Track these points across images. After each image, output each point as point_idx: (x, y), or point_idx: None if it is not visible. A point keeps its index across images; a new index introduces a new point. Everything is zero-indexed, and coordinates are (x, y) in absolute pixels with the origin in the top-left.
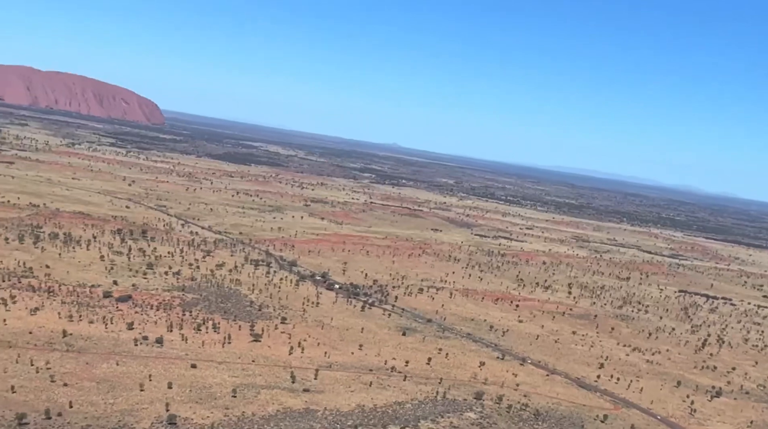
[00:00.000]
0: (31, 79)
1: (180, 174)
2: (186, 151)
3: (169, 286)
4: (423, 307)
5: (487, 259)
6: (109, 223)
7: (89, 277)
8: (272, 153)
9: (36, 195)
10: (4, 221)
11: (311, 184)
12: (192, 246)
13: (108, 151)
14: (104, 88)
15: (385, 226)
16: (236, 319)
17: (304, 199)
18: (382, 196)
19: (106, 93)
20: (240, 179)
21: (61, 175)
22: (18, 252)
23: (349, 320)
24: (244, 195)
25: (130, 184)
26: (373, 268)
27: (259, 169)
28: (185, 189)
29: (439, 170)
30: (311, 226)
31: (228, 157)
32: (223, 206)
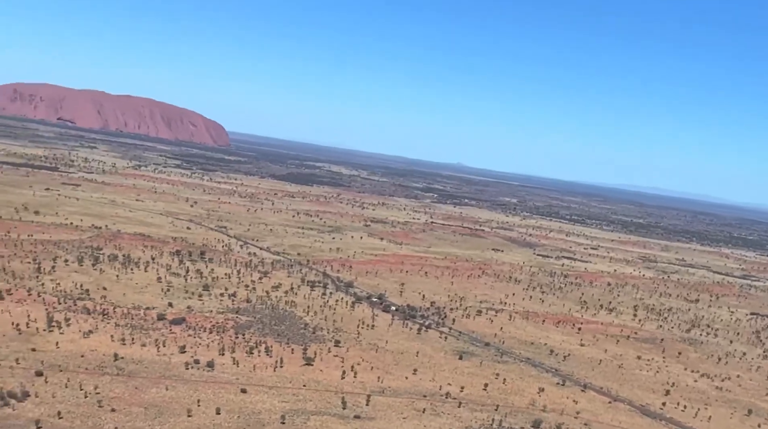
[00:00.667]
0: (102, 103)
1: (242, 195)
2: (249, 172)
3: (224, 308)
4: (481, 329)
5: (549, 280)
6: (168, 244)
7: (145, 299)
8: (335, 173)
9: (99, 217)
10: (65, 243)
11: (372, 204)
12: (249, 267)
13: (173, 172)
14: (172, 111)
15: (445, 246)
16: (289, 342)
17: (364, 219)
18: (443, 216)
19: (174, 116)
20: (301, 200)
21: (125, 196)
22: (76, 274)
23: (405, 343)
24: (305, 215)
25: (192, 205)
26: (431, 289)
27: (320, 190)
28: (246, 210)
29: (502, 189)
30: (370, 246)
31: (291, 177)
32: (283, 227)
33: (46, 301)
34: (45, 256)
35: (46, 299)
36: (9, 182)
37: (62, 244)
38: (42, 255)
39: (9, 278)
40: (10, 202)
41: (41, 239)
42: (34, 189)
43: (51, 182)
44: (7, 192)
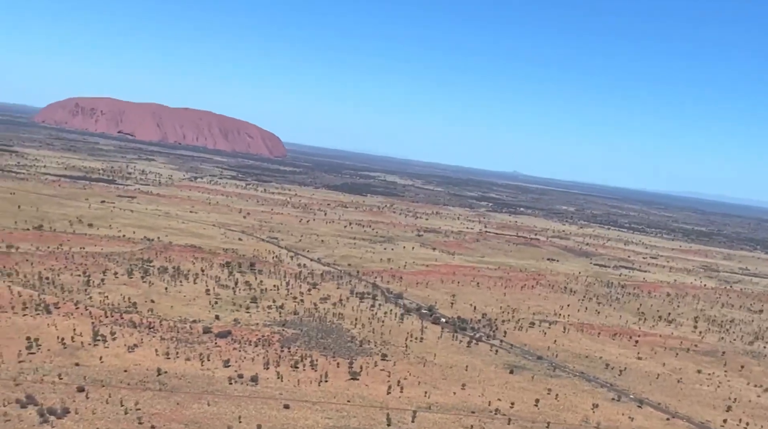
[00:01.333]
0: (161, 116)
1: (295, 205)
2: (304, 182)
3: (270, 320)
4: (534, 342)
5: (605, 291)
6: (218, 256)
7: (192, 312)
8: (389, 183)
9: (152, 229)
10: (116, 256)
11: (425, 214)
12: (299, 279)
13: (228, 184)
14: (229, 123)
15: (499, 256)
16: (335, 356)
17: (416, 229)
18: (498, 225)
19: (231, 127)
20: (354, 210)
21: (179, 208)
22: (125, 287)
23: (454, 357)
24: (357, 226)
25: (245, 216)
26: (483, 300)
27: (374, 200)
28: (299, 220)
29: (559, 197)
30: (422, 256)
31: (345, 187)
32: (335, 237)
33: (92, 315)
34: (95, 269)
35: (92, 312)
36: (66, 195)
37: (113, 257)
38: (92, 268)
39: (58, 291)
40: (65, 214)
41: (93, 252)
42: (90, 202)
43: (107, 195)
44: (64, 205)
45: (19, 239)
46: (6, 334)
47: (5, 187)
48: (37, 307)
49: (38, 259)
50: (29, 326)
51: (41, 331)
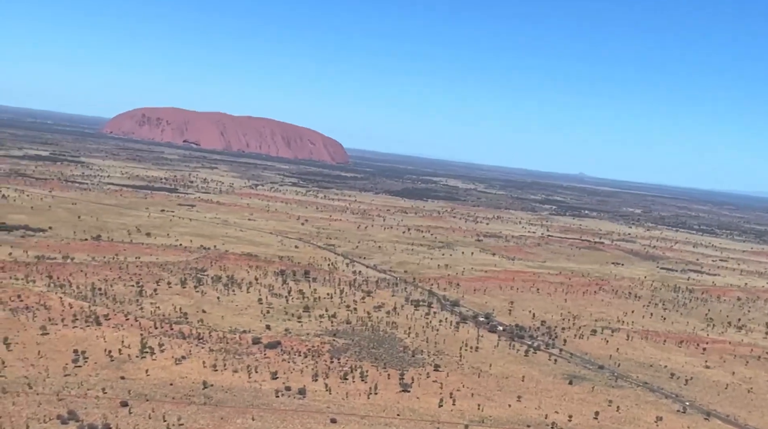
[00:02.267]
0: (225, 125)
1: (354, 211)
2: (365, 188)
3: (322, 330)
4: (595, 351)
5: (672, 296)
6: (273, 264)
7: (243, 322)
8: (451, 187)
9: (209, 237)
10: (171, 265)
11: (486, 218)
12: (353, 286)
13: (288, 191)
14: (292, 130)
15: (561, 260)
16: (386, 367)
17: (476, 234)
18: (561, 229)
19: (294, 135)
20: (414, 215)
21: (238, 216)
22: (178, 297)
23: (510, 367)
24: (415, 231)
25: (303, 223)
26: (543, 307)
27: (434, 204)
28: (357, 227)
29: (626, 199)
30: (480, 262)
31: (405, 192)
32: (392, 243)
33: (142, 326)
34: (149, 279)
35: (142, 324)
36: (127, 205)
37: (167, 266)
38: (146, 278)
39: (109, 302)
40: (124, 224)
41: (148, 261)
42: (150, 211)
43: (167, 203)
44: (124, 214)
45: (76, 249)
46: (55, 347)
47: (68, 197)
48: (87, 319)
49: (93, 270)
50: (78, 338)
51: (89, 344)
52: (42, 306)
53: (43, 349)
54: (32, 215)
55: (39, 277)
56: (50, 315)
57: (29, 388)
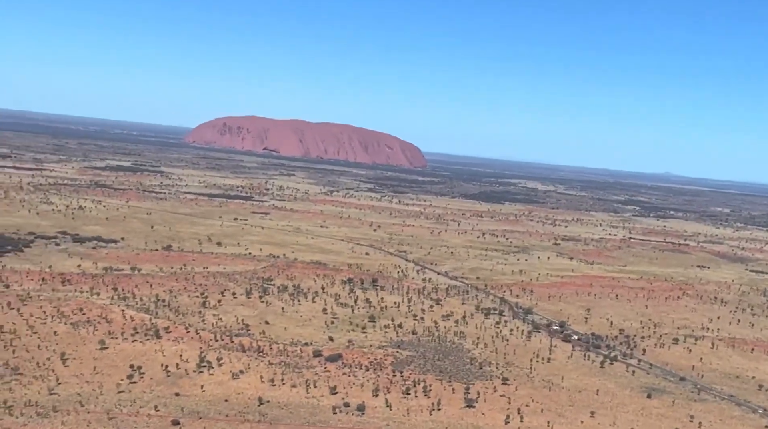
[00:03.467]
0: (304, 132)
1: (428, 216)
2: (441, 192)
3: (387, 341)
4: (676, 361)
5: (762, 301)
6: (341, 272)
7: (305, 334)
8: (530, 189)
9: (280, 245)
10: (237, 274)
11: (565, 221)
12: (422, 294)
13: (363, 196)
14: (369, 136)
15: (642, 264)
16: (451, 380)
17: (554, 238)
18: (644, 231)
19: (371, 140)
20: (489, 219)
21: (310, 223)
22: (242, 307)
23: (584, 379)
24: (490, 235)
25: (375, 229)
26: (621, 314)
27: (511, 208)
28: (430, 232)
29: (714, 198)
30: (557, 267)
31: (482, 196)
32: (465, 249)
33: (202, 339)
34: (214, 289)
35: (203, 336)
36: (201, 214)
37: (234, 276)
38: (211, 288)
39: (172, 314)
40: (196, 233)
41: (215, 271)
42: (223, 219)
43: (241, 212)
44: (197, 223)
45: (145, 260)
46: (111, 362)
47: (144, 207)
48: (147, 332)
49: (158, 281)
50: (136, 353)
51: (147, 358)
52: (103, 319)
53: (99, 364)
54: (106, 226)
55: (104, 289)
56: (111, 328)
57: (81, 406)
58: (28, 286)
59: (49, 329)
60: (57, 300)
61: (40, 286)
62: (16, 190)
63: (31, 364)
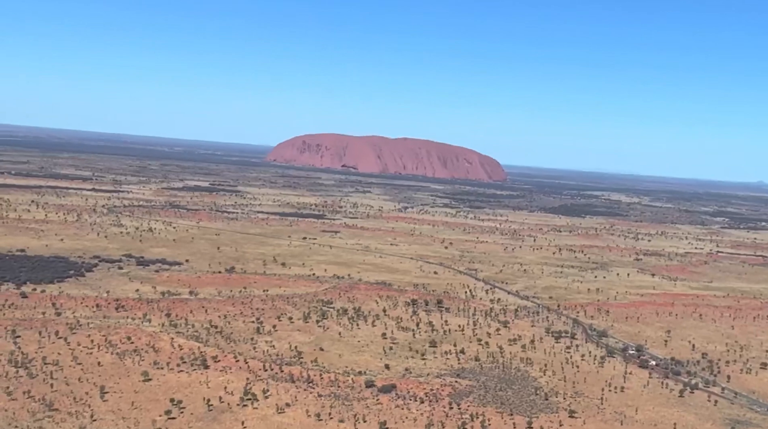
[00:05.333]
0: (381, 148)
1: (503, 232)
2: (519, 206)
3: (446, 369)
4: (765, 389)
5: None
6: (406, 293)
7: (361, 361)
8: (613, 202)
9: (346, 265)
10: (297, 297)
11: (648, 235)
12: (489, 316)
13: (438, 212)
14: (447, 150)
15: (730, 280)
16: (512, 413)
17: (635, 253)
18: (733, 244)
19: (450, 154)
20: (568, 234)
21: (380, 241)
22: (298, 333)
23: (660, 411)
24: (567, 251)
25: (446, 246)
26: (705, 336)
27: (592, 221)
28: (503, 248)
29: None
30: (637, 284)
31: (562, 209)
32: (540, 266)
33: (251, 368)
34: (270, 314)
35: (251, 365)
36: (271, 233)
37: (294, 299)
38: (268, 312)
39: (222, 342)
40: (263, 254)
41: (275, 294)
42: (292, 239)
43: (311, 231)
44: (266, 243)
45: (206, 283)
46: (153, 395)
47: (214, 228)
48: (194, 362)
49: (214, 306)
50: (180, 384)
51: (190, 391)
52: (151, 348)
53: (139, 398)
54: (173, 248)
55: (157, 316)
56: (157, 358)
57: None
58: (81, 313)
59: (93, 360)
60: (107, 328)
61: (93, 313)
62: (89, 212)
63: (68, 399)
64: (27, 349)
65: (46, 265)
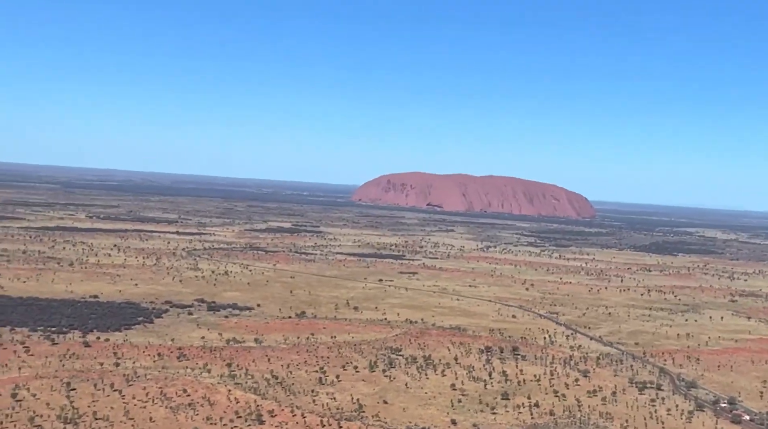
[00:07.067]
0: (467, 186)
1: (589, 272)
2: (607, 244)
3: (518, 424)
4: None
5: None
6: (480, 339)
7: (426, 416)
8: (707, 239)
9: (420, 309)
10: (365, 344)
11: (744, 274)
12: (567, 365)
13: (522, 251)
14: (533, 187)
15: None
16: None
17: (730, 294)
18: None
19: (536, 191)
20: (658, 273)
21: (458, 283)
22: (362, 383)
23: None
24: (656, 292)
25: (527, 288)
26: None
27: (684, 260)
28: (588, 290)
29: None
30: (731, 329)
31: (653, 247)
32: (626, 309)
33: (307, 424)
34: (336, 363)
35: (308, 421)
36: (347, 275)
37: (361, 346)
38: (333, 361)
39: (282, 394)
40: (336, 297)
41: (342, 341)
42: (368, 281)
43: (388, 272)
44: (340, 286)
45: (273, 330)
46: None
47: (290, 270)
48: (248, 417)
49: (278, 354)
50: None
51: None
52: (206, 401)
53: None
54: (246, 292)
55: (218, 365)
56: (212, 412)
57: None
58: (141, 363)
59: (146, 415)
60: (164, 379)
61: (153, 363)
62: (168, 256)
63: None
64: (80, 403)
65: (116, 311)
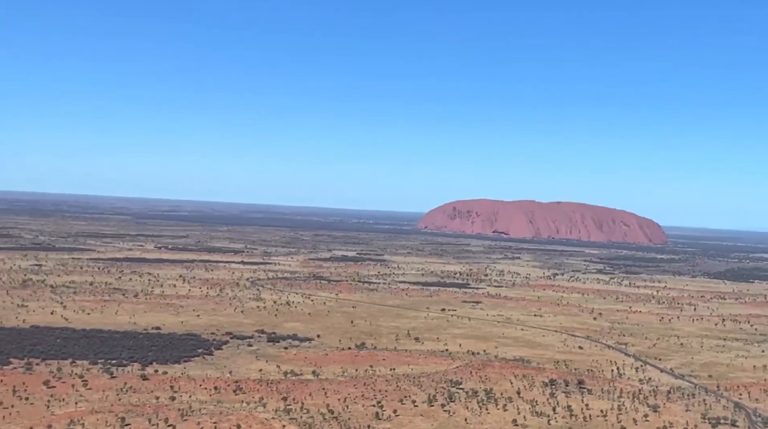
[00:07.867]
0: (533, 212)
1: (660, 300)
2: (680, 271)
3: None
4: None
5: None
6: (544, 371)
7: None
8: None
9: (483, 339)
10: (425, 377)
11: None
12: (636, 399)
13: (590, 279)
14: (603, 213)
15: None
16: None
17: None
18: None
19: (605, 217)
20: (733, 301)
21: (523, 312)
22: (420, 418)
23: None
24: (731, 321)
25: (595, 317)
26: None
27: (761, 287)
28: (659, 319)
29: None
30: None
31: (728, 274)
32: (699, 339)
33: None
34: (393, 396)
35: None
36: (409, 305)
37: (421, 379)
38: (391, 394)
39: None
40: (397, 328)
41: (401, 373)
42: (430, 310)
43: (451, 301)
44: (402, 316)
45: (332, 361)
46: None
47: (352, 299)
48: None
49: (335, 387)
50: None
51: None
52: None
53: None
54: (307, 322)
55: (274, 399)
56: None
57: None
58: (197, 396)
59: None
60: (219, 414)
61: (209, 397)
62: (232, 286)
63: None
64: None
65: (177, 343)
